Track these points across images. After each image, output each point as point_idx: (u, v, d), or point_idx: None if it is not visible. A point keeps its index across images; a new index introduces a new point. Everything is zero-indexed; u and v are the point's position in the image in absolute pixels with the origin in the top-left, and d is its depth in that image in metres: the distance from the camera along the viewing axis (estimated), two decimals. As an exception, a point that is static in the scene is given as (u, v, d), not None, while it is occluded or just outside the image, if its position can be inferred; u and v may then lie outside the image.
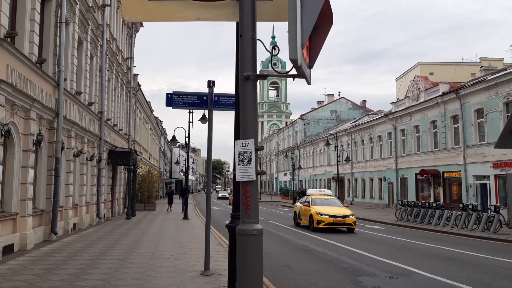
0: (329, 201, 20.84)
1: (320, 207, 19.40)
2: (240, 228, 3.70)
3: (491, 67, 31.75)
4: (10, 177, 10.66)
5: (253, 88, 3.78)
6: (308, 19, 3.32)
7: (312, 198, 20.86)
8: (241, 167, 3.72)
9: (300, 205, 21.44)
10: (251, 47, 3.76)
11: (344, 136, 48.66)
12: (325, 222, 18.30)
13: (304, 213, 20.14)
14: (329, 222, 18.28)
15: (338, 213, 18.77)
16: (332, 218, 18.34)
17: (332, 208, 19.48)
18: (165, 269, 8.85)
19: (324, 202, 20.39)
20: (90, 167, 18.50)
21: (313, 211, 18.98)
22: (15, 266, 8.96)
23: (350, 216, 18.64)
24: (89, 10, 17.38)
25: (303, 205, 20.65)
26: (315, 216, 18.62)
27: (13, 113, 10.44)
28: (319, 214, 18.64)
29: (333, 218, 18.34)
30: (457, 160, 28.10)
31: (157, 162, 54.31)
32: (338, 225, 18.46)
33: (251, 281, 3.63)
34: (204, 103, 8.56)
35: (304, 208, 20.36)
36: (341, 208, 19.97)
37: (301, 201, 22.09)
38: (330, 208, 19.30)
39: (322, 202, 20.34)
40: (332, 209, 19.17)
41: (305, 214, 20.04)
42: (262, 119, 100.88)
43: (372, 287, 8.30)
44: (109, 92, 22.15)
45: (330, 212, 18.67)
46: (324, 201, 20.61)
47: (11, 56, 10.03)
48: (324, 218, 18.42)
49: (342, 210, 19.31)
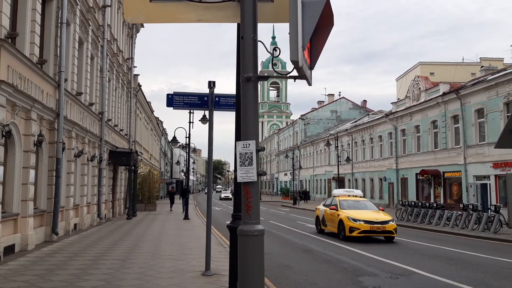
0: (360, 203, 17.77)
1: (351, 211, 16.38)
2: (242, 229, 3.72)
3: (491, 67, 31.77)
4: (11, 178, 10.67)
5: (254, 89, 3.80)
6: (309, 20, 3.34)
7: (339, 200, 17.64)
8: (242, 168, 3.74)
9: (324, 208, 18.24)
10: (252, 48, 3.77)
11: (345, 136, 48.67)
12: (359, 230, 15.25)
13: (331, 218, 17.02)
14: (365, 230, 15.27)
15: (375, 218, 15.68)
16: (369, 225, 15.28)
17: (367, 212, 16.52)
18: (166, 270, 8.87)
19: (355, 205, 17.39)
20: (91, 167, 18.52)
21: (343, 216, 15.92)
22: (16, 267, 8.97)
23: (390, 222, 15.58)
24: (90, 11, 17.40)
25: (329, 209, 17.43)
26: (347, 222, 15.57)
27: (14, 114, 10.46)
28: (352, 219, 15.55)
29: (370, 225, 15.29)
30: (457, 160, 28.10)
31: (158, 162, 54.33)
32: (376, 233, 15.52)
33: (252, 281, 3.64)
34: (204, 103, 8.58)
35: (330, 212, 17.20)
36: (377, 212, 16.92)
37: (325, 203, 18.86)
38: (364, 213, 16.31)
39: (353, 205, 17.34)
40: (367, 214, 16.17)
41: (332, 219, 16.96)
42: (263, 119, 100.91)
43: (373, 287, 8.31)
44: (110, 92, 22.17)
45: (365, 217, 15.61)
46: (354, 203, 17.56)
47: (12, 56, 10.05)
48: (359, 224, 15.34)
49: (379, 215, 16.21)
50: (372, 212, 16.73)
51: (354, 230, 15.35)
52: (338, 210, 16.66)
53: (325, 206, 18.40)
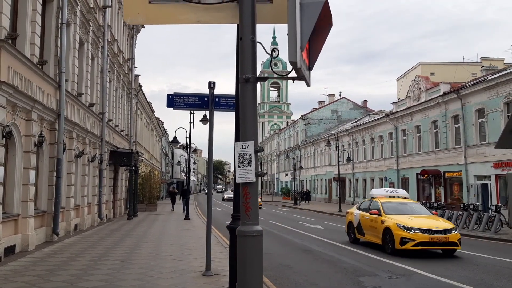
0: (408, 206, 14.33)
1: (400, 216, 13.07)
2: (240, 230, 3.72)
3: (491, 67, 31.73)
4: (11, 178, 10.69)
5: (253, 91, 3.81)
6: (308, 21, 3.35)
7: (382, 202, 14.28)
8: (241, 169, 3.74)
9: (360, 212, 14.98)
10: (251, 49, 3.78)
11: (345, 136, 48.64)
12: (415, 242, 11.97)
13: (372, 226, 13.84)
14: (422, 241, 11.99)
15: (435, 226, 12.33)
16: (427, 235, 12.01)
17: (422, 218, 13.14)
18: (166, 270, 8.88)
19: (402, 208, 14.02)
20: (91, 168, 18.54)
21: (391, 223, 12.63)
22: (17, 267, 8.99)
23: (453, 231, 12.32)
24: (90, 11, 17.42)
25: (368, 213, 14.13)
26: (397, 232, 12.25)
27: (15, 115, 10.48)
28: (404, 228, 12.21)
29: (429, 235, 12.01)
30: (458, 160, 28.08)
31: (159, 162, 54.37)
32: (436, 246, 12.24)
33: (251, 282, 3.65)
34: (205, 104, 8.60)
35: (371, 218, 13.95)
36: (434, 218, 13.50)
37: (361, 206, 15.59)
38: (419, 219, 12.96)
39: (400, 208, 14.01)
40: (423, 221, 12.83)
41: (373, 227, 13.76)
42: (263, 120, 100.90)
43: (373, 287, 8.32)
44: (110, 93, 22.19)
45: (422, 225, 12.31)
46: (401, 207, 14.19)
47: (12, 57, 10.06)
48: (413, 234, 12.00)
49: (438, 222, 12.87)
50: (428, 218, 13.34)
51: (408, 241, 12.02)
52: (381, 216, 13.41)
53: (361, 209, 15.21)
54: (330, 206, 42.68)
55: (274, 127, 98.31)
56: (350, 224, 15.60)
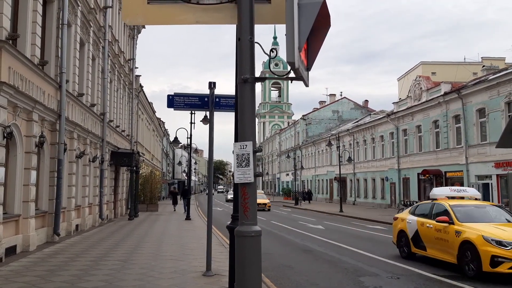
0: (488, 211, 10.73)
1: (484, 225, 9.66)
2: (239, 230, 3.73)
3: (492, 66, 31.70)
4: (12, 179, 10.72)
5: (251, 91, 3.81)
6: (306, 21, 3.35)
7: (451, 206, 10.66)
8: (239, 169, 3.75)
9: (415, 218, 11.56)
10: (249, 50, 3.79)
11: (346, 136, 48.62)
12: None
13: (439, 237, 10.35)
14: None
15: None
16: None
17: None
18: (167, 270, 8.89)
19: (481, 214, 10.49)
20: (92, 168, 18.56)
21: (474, 236, 9.24)
22: (18, 268, 9.01)
23: None
24: (91, 12, 17.44)
25: (433, 221, 10.65)
26: (484, 247, 8.86)
27: (15, 115, 10.50)
28: (495, 242, 8.82)
29: None
30: (459, 160, 28.06)
31: (160, 163, 54.40)
32: None
33: (250, 282, 3.65)
34: (205, 104, 8.61)
35: (436, 227, 10.50)
36: None
37: (417, 211, 11.96)
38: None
39: (478, 214, 10.45)
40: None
41: (441, 238, 10.28)
42: (264, 120, 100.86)
43: (374, 287, 8.32)
44: (111, 93, 22.22)
45: None
46: (479, 212, 10.61)
47: (13, 58, 10.09)
48: (510, 252, 8.61)
49: None
50: None
51: (502, 261, 8.62)
52: (455, 224, 9.96)
53: (417, 215, 11.72)
54: (331, 206, 42.67)
55: (275, 127, 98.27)
56: (402, 233, 12.05)
